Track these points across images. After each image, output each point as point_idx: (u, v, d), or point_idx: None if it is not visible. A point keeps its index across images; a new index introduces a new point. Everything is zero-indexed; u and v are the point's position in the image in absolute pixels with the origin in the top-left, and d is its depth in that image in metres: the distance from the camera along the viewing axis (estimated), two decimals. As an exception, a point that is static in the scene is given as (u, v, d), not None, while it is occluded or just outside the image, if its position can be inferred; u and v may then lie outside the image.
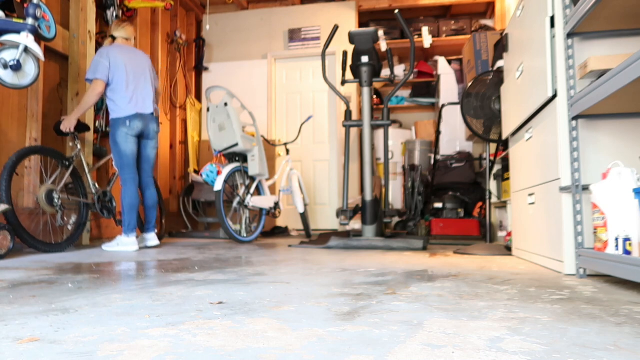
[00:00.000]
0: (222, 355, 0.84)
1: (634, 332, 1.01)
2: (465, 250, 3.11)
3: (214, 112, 4.14)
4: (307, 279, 1.83)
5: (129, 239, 3.26)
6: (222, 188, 3.86)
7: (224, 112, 4.06)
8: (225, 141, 4.09)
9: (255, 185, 4.26)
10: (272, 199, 4.42)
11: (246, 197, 4.18)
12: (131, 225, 3.29)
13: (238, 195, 4.17)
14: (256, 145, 4.20)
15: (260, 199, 4.27)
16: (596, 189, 1.71)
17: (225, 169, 4.00)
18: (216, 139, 4.15)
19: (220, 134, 4.11)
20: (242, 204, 4.18)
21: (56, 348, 0.88)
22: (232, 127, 4.03)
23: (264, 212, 4.36)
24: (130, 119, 3.29)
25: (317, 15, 6.03)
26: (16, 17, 2.69)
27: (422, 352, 0.86)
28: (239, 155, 4.23)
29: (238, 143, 4.03)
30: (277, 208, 4.52)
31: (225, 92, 4.07)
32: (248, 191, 4.22)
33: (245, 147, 4.07)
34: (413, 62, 3.77)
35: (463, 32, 5.99)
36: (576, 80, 1.94)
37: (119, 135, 3.28)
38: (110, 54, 3.28)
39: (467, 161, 4.98)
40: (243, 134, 4.06)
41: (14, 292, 1.50)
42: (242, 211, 4.26)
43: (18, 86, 2.68)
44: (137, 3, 4.51)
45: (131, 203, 3.30)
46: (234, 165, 4.09)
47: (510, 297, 1.44)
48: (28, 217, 3.20)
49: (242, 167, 4.18)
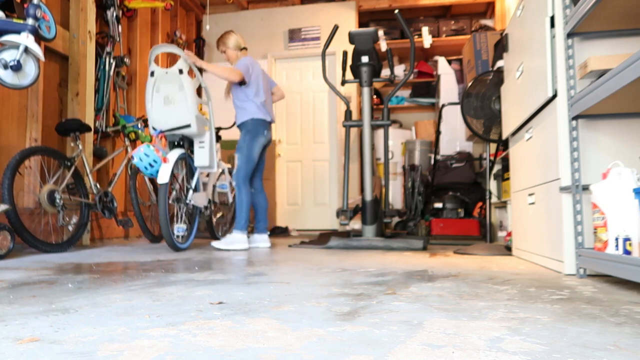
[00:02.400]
0: (222, 355, 0.84)
1: (634, 332, 1.01)
2: (465, 250, 3.11)
3: (160, 79, 3.27)
4: (307, 279, 1.83)
5: (242, 236, 3.41)
6: (168, 181, 3.09)
7: (176, 81, 3.23)
8: (173, 119, 3.28)
9: (196, 178, 3.51)
10: (207, 197, 3.77)
11: (188, 194, 3.44)
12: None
13: (176, 189, 3.42)
14: (208, 130, 3.46)
15: (199, 195, 3.53)
16: (596, 189, 1.71)
17: (171, 155, 3.20)
18: (160, 115, 3.29)
19: (166, 109, 3.27)
20: (182, 201, 3.41)
21: (56, 348, 0.88)
22: (185, 103, 3.23)
23: (198, 211, 3.64)
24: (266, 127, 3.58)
25: (317, 15, 6.03)
26: (16, 17, 2.69)
27: (422, 352, 0.86)
28: (185, 140, 3.45)
29: (191, 124, 3.26)
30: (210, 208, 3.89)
31: (180, 54, 3.26)
32: (189, 185, 3.48)
33: (199, 131, 3.32)
34: (413, 62, 3.78)
35: (463, 32, 5.99)
36: (576, 80, 1.94)
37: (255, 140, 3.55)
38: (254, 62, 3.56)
39: (467, 161, 4.98)
40: (199, 113, 3.32)
41: (14, 292, 1.50)
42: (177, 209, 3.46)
43: (18, 86, 2.68)
44: (137, 3, 4.52)
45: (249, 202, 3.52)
46: (179, 151, 3.29)
47: (510, 297, 1.44)
48: (29, 217, 3.20)
49: (187, 154, 3.43)
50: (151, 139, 3.36)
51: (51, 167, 3.27)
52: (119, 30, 4.22)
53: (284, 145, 6.08)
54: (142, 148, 3.20)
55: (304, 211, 6.01)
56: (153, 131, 3.33)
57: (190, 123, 3.25)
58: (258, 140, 3.53)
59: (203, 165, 3.44)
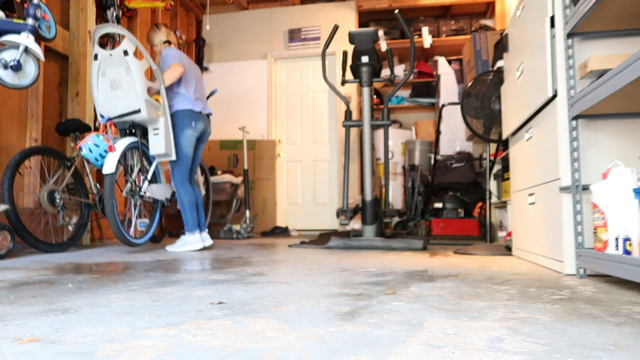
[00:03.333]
0: (222, 355, 0.84)
1: (634, 332, 1.01)
2: (465, 250, 3.11)
3: (105, 62, 3.02)
4: (307, 279, 1.83)
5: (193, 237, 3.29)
6: (115, 170, 2.89)
7: (122, 64, 2.99)
8: (121, 105, 3.04)
9: (153, 168, 3.31)
10: (169, 188, 3.49)
11: (142, 184, 3.21)
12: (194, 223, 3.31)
13: (131, 181, 3.19)
14: (162, 115, 3.19)
15: (159, 187, 3.32)
16: (596, 189, 1.71)
17: (119, 144, 2.99)
18: (106, 101, 3.06)
19: (112, 94, 3.04)
20: (137, 193, 3.19)
21: (56, 348, 0.89)
22: (132, 87, 2.99)
23: (159, 204, 3.42)
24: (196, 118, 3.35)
25: (317, 15, 6.03)
26: (16, 17, 2.69)
27: (422, 352, 0.86)
28: (137, 127, 3.22)
29: (140, 109, 3.01)
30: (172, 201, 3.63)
31: (124, 34, 3.01)
32: (146, 177, 3.23)
33: (150, 117, 3.07)
34: (413, 62, 3.78)
35: (463, 32, 5.99)
36: (576, 80, 1.94)
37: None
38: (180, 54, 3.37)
39: (467, 161, 4.98)
40: (148, 97, 3.06)
41: (14, 292, 1.50)
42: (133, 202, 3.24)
43: (18, 86, 2.68)
44: (137, 3, 4.52)
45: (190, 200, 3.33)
46: (129, 139, 3.09)
47: (510, 297, 1.44)
48: (29, 217, 3.20)
49: (139, 143, 3.22)
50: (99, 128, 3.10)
51: (51, 167, 3.28)
52: (119, 30, 4.22)
53: (284, 145, 6.08)
54: (91, 138, 2.97)
55: (304, 211, 6.01)
56: (101, 119, 3.10)
57: (140, 108, 3.01)
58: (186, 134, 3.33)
59: (159, 153, 3.17)
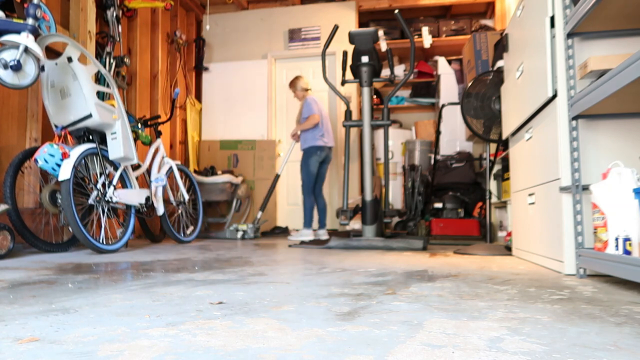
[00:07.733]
0: (222, 355, 0.84)
1: (634, 332, 1.01)
2: (465, 250, 3.11)
3: (51, 73, 3.03)
4: (307, 279, 1.83)
5: (307, 231, 4.56)
6: (70, 176, 2.82)
7: (68, 72, 2.98)
8: (72, 112, 3.01)
9: (118, 174, 3.26)
10: (143, 192, 3.47)
11: (108, 190, 3.13)
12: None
13: (96, 188, 3.09)
14: (118, 118, 3.15)
15: (127, 192, 3.29)
16: (596, 189, 1.71)
17: (74, 151, 2.91)
18: (57, 111, 3.05)
19: (62, 103, 3.02)
20: (103, 200, 3.10)
21: (56, 348, 0.89)
22: (80, 93, 2.96)
23: (132, 210, 3.39)
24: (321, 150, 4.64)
25: (317, 15, 6.03)
26: (16, 17, 2.69)
27: (422, 352, 0.86)
28: (94, 133, 3.14)
29: (92, 114, 2.97)
30: (150, 205, 3.58)
31: (67, 41, 2.96)
32: (110, 182, 3.16)
33: (103, 121, 3.03)
34: (413, 62, 3.78)
35: (463, 32, 5.99)
36: (576, 80, 1.94)
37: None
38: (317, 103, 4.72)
39: (467, 161, 4.98)
40: (99, 101, 3.02)
41: (14, 292, 1.50)
42: (101, 210, 3.17)
43: (18, 86, 2.67)
44: (137, 3, 4.52)
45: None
46: (86, 146, 3.00)
47: (510, 297, 1.44)
48: (30, 217, 3.20)
49: (98, 149, 3.12)
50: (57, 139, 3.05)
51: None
52: (119, 30, 4.22)
53: (284, 145, 6.08)
54: (45, 148, 2.86)
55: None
56: (55, 129, 3.08)
57: (91, 112, 2.97)
58: (312, 161, 4.63)
59: (118, 157, 3.15)
